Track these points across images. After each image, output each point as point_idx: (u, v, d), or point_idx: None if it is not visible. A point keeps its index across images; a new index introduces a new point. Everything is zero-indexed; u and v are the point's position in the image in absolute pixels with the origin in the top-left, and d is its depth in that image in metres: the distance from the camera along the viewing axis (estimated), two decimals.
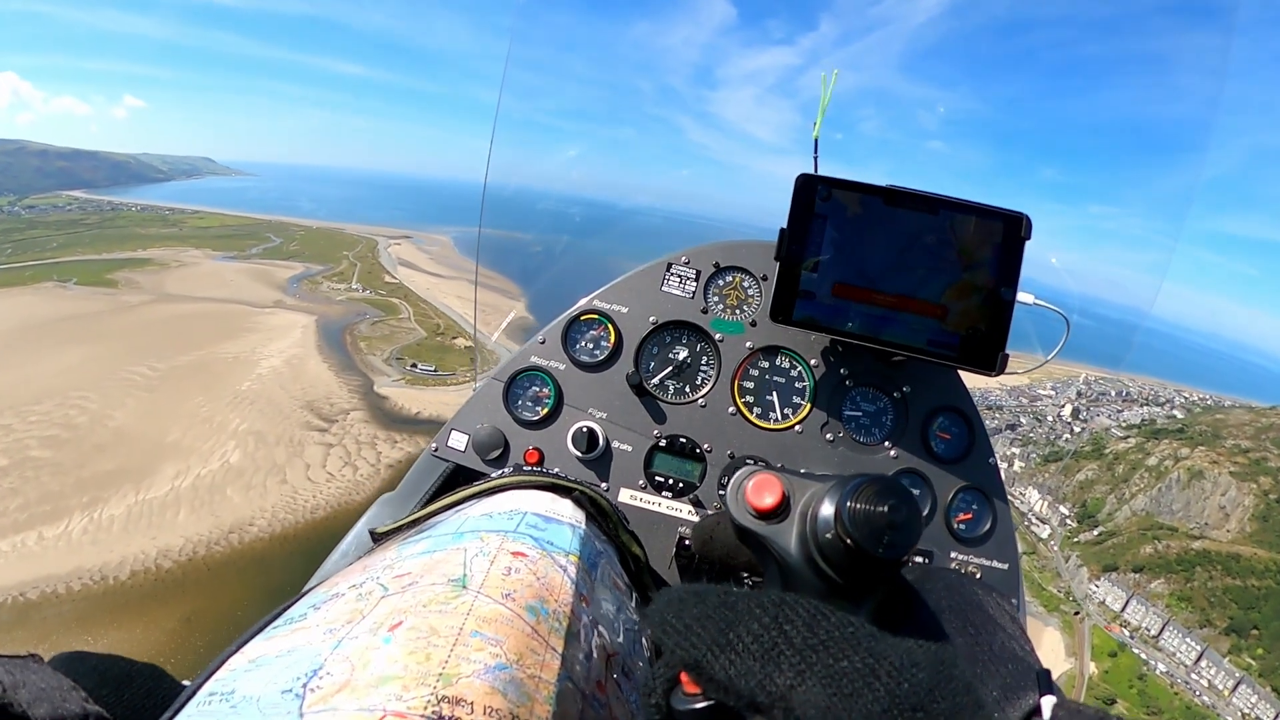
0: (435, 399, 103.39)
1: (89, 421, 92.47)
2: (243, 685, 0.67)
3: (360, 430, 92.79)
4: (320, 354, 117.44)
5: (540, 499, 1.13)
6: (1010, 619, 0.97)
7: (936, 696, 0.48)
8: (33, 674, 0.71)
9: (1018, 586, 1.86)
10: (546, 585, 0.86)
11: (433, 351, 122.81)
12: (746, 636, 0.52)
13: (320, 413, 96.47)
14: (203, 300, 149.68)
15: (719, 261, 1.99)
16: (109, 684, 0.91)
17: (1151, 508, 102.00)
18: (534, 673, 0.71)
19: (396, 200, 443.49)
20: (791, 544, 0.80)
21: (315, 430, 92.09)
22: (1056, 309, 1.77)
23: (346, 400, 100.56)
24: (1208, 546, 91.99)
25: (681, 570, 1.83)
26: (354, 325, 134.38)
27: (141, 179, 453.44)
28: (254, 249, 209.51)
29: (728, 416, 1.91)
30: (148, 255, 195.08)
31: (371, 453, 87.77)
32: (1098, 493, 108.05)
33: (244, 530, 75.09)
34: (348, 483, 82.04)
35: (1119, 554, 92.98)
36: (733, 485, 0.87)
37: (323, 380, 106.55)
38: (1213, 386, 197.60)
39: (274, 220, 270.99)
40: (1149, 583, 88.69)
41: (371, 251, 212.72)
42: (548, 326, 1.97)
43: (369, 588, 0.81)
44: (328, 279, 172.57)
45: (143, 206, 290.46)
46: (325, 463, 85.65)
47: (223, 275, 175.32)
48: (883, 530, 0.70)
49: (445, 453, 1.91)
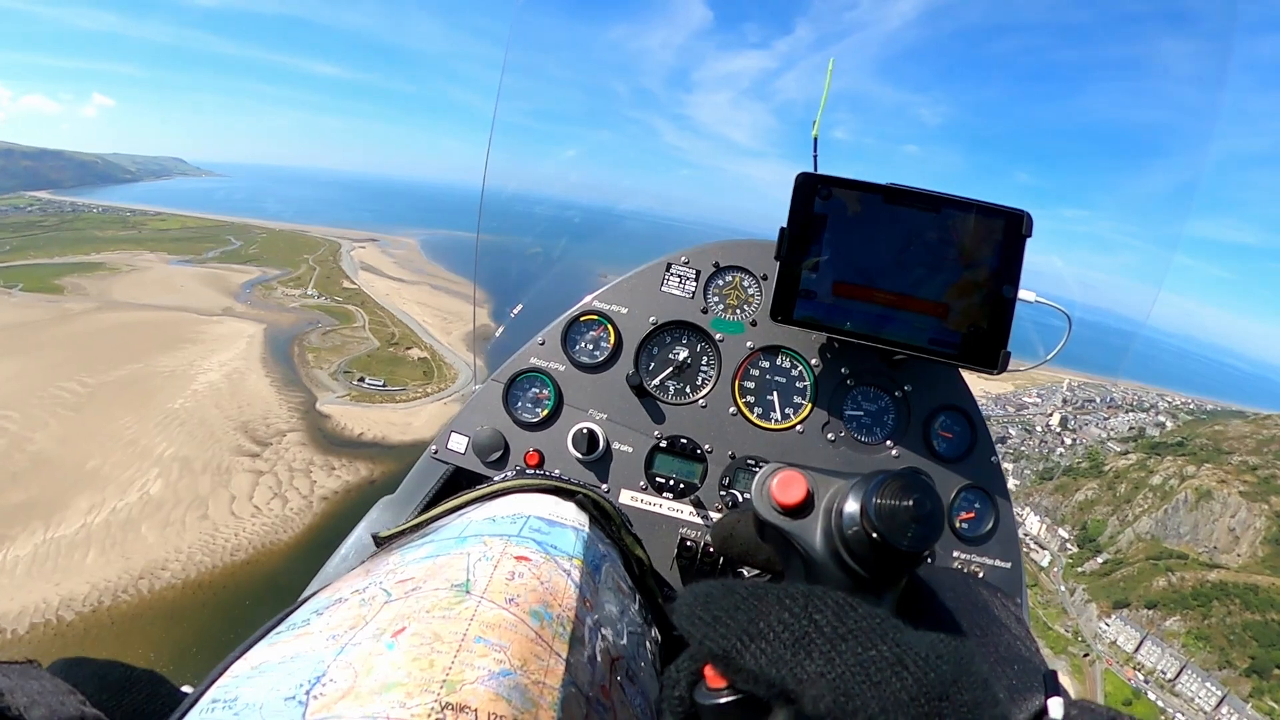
0: (380, 418, 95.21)
1: (6, 445, 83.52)
2: (246, 692, 0.66)
3: (296, 455, 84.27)
4: (263, 367, 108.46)
5: (543, 502, 1.13)
6: (1015, 620, 0.97)
7: (960, 688, 0.49)
8: (30, 679, 0.71)
9: (1021, 586, 1.86)
10: (550, 590, 0.86)
11: (384, 364, 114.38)
12: (777, 625, 0.54)
13: (254, 435, 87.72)
14: (148, 308, 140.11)
15: (719, 261, 1.99)
16: (108, 689, 0.89)
17: (1157, 530, 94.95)
18: (538, 678, 0.71)
19: (366, 202, 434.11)
20: (816, 539, 0.81)
21: (246, 455, 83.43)
22: (1058, 306, 1.77)
23: (285, 420, 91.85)
24: (1224, 578, 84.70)
25: (683, 571, 1.84)
26: (304, 335, 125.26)
27: (109, 179, 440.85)
28: (211, 252, 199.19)
29: (728, 417, 1.92)
30: (101, 259, 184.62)
31: (305, 482, 79.32)
32: (1099, 514, 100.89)
33: (155, 575, 66.53)
34: (274, 518, 73.56)
35: (1130, 588, 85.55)
36: (758, 482, 0.87)
37: (261, 397, 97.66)
38: (1193, 389, 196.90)
39: (237, 222, 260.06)
40: (1163, 620, 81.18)
41: (333, 255, 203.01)
42: (547, 328, 1.97)
43: (372, 593, 0.81)
44: (283, 284, 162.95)
45: (105, 208, 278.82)
46: (253, 494, 77.07)
47: (174, 281, 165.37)
48: (908, 524, 0.71)
49: (445, 455, 1.90)
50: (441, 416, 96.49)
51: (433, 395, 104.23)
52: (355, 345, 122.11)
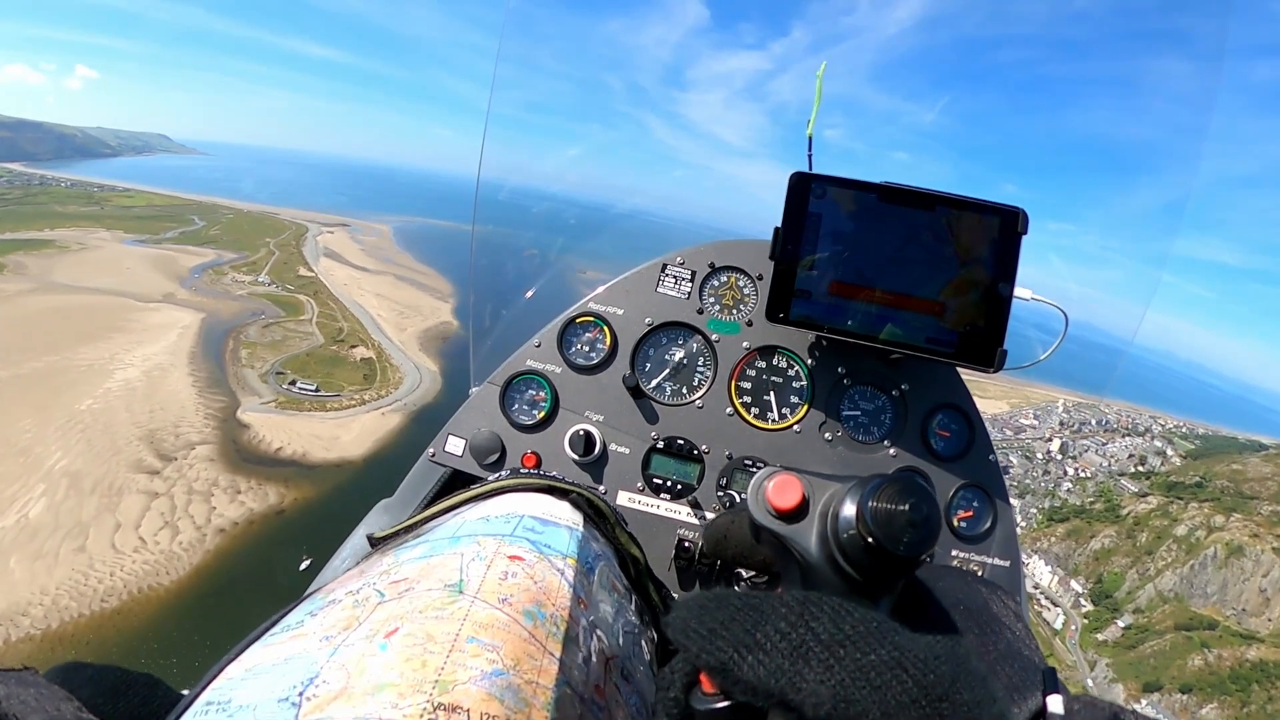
0: (305, 429, 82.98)
1: None
2: (239, 694, 0.66)
3: (200, 474, 72.50)
4: (190, 364, 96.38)
5: (538, 502, 1.12)
6: (1015, 617, 0.97)
7: (960, 688, 0.50)
8: (27, 685, 0.71)
9: (1020, 584, 1.87)
10: (544, 589, 0.85)
11: (322, 364, 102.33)
12: (774, 635, 0.53)
13: (159, 447, 75.99)
14: (86, 291, 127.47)
15: (714, 261, 2.00)
16: (105, 693, 0.89)
17: (1182, 588, 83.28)
18: (531, 678, 0.71)
19: (346, 185, 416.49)
20: (812, 543, 0.81)
21: (145, 473, 71.64)
22: (1054, 304, 1.78)
23: (198, 429, 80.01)
24: (1264, 655, 73.40)
25: (680, 573, 1.85)
26: (243, 327, 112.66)
27: (88, 153, 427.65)
28: (170, 232, 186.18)
29: (725, 417, 1.93)
30: (54, 236, 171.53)
31: (203, 508, 67.60)
32: (1116, 564, 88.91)
33: (14, 622, 55.20)
34: (159, 555, 61.97)
35: (1161, 666, 73.24)
36: (753, 486, 0.87)
37: (178, 400, 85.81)
38: (1181, 411, 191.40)
39: (206, 202, 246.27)
40: (1200, 707, 69.78)
41: (298, 240, 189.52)
42: (543, 330, 1.99)
43: (366, 594, 0.81)
44: (236, 269, 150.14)
45: (73, 182, 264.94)
46: (141, 522, 65.31)
47: (122, 262, 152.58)
48: (903, 529, 0.71)
49: (442, 458, 1.92)
50: (376, 430, 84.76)
51: (369, 403, 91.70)
52: (296, 341, 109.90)
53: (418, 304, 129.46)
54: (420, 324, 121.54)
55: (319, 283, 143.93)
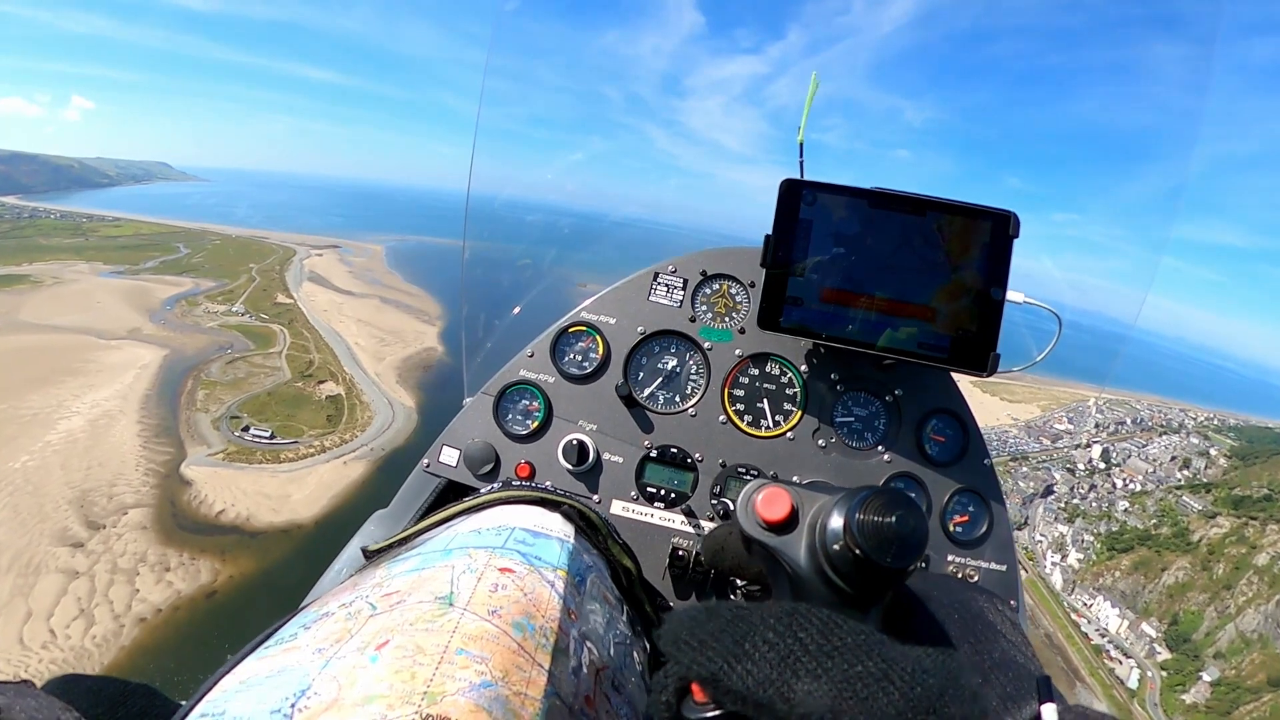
0: (254, 486, 72.72)
1: None
2: (234, 706, 0.67)
3: (127, 546, 62.47)
4: (141, 409, 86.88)
5: (529, 514, 1.13)
6: (1011, 626, 0.97)
7: (947, 701, 0.50)
8: (26, 697, 0.71)
9: (1016, 588, 1.87)
10: (534, 601, 0.86)
11: (284, 404, 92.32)
12: (762, 645, 0.54)
13: (89, 513, 66.29)
14: (50, 329, 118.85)
15: (706, 269, 2.02)
16: (103, 704, 0.91)
17: (1266, 628, 70.91)
18: (520, 689, 0.72)
19: (342, 206, 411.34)
20: (801, 555, 0.81)
21: (68, 546, 61.90)
22: (1048, 307, 1.78)
23: (135, 489, 70.23)
24: None
25: (675, 581, 1.84)
26: (206, 364, 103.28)
27: (85, 184, 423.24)
28: (150, 262, 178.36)
29: (718, 425, 1.94)
30: (30, 271, 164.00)
31: (125, 591, 57.53)
32: (1193, 602, 76.20)
33: None
34: (69, 652, 51.87)
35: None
36: (742, 498, 0.88)
37: (120, 454, 76.24)
38: (1207, 401, 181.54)
39: (195, 228, 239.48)
40: None
41: (283, 264, 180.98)
42: (536, 340, 2.00)
43: (358, 607, 0.82)
44: (211, 299, 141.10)
45: (63, 214, 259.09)
46: (55, 609, 55.34)
47: (93, 296, 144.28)
48: (890, 541, 0.71)
49: (437, 468, 1.93)
50: (333, 483, 74.14)
51: (329, 451, 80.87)
52: (261, 378, 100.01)
53: (401, 329, 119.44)
54: (401, 352, 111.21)
55: (296, 310, 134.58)
